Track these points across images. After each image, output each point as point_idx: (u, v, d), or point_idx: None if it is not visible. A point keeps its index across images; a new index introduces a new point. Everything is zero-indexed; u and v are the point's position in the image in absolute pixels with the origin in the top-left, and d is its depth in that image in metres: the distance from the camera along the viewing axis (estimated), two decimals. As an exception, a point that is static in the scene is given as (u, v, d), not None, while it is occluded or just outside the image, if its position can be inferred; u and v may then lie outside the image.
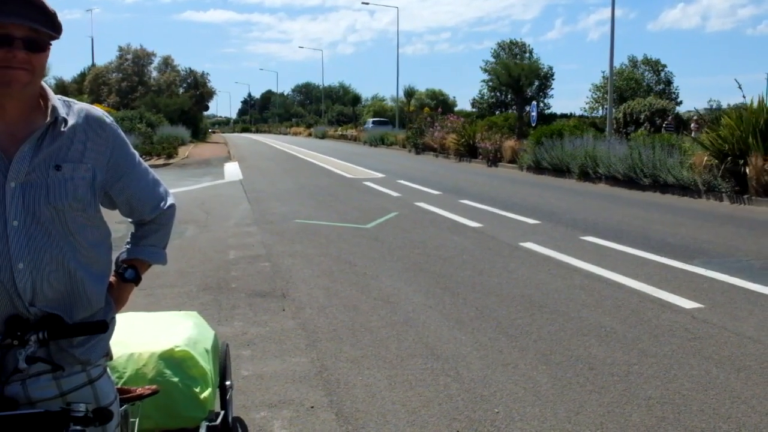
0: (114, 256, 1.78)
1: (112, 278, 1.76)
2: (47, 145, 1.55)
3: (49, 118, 1.56)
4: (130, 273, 1.78)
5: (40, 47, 1.51)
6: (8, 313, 1.53)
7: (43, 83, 1.62)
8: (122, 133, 1.72)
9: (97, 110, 1.68)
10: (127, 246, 1.82)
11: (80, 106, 1.65)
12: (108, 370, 1.73)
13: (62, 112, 1.59)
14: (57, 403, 1.57)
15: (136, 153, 1.76)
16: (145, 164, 1.79)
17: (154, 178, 1.80)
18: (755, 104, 13.00)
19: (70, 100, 1.66)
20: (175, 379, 2.46)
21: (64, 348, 1.59)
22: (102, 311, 1.68)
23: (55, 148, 1.56)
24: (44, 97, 1.61)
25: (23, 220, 1.51)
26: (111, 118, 1.70)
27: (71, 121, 1.60)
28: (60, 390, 1.59)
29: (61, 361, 1.58)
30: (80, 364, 1.62)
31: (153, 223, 1.81)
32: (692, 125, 25.42)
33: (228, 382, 3.06)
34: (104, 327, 1.55)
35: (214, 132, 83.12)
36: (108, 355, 1.74)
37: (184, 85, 58.34)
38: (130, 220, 1.84)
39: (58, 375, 1.59)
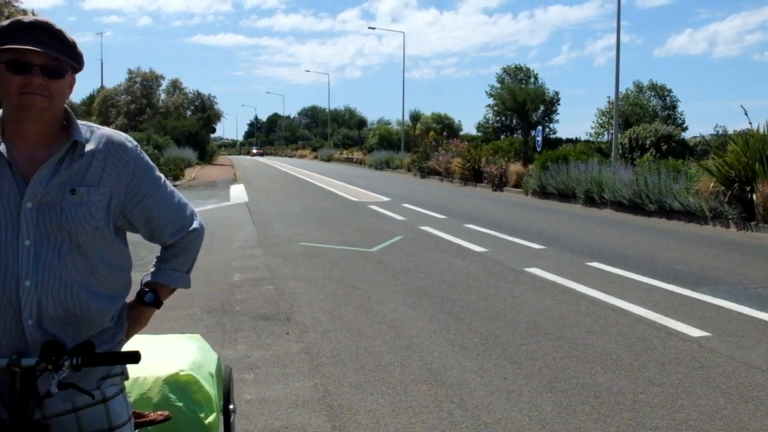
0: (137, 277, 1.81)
1: (132, 300, 1.80)
2: (65, 168, 1.60)
3: (69, 142, 1.61)
4: (149, 296, 1.80)
5: (58, 74, 1.57)
6: (12, 331, 1.56)
7: (68, 108, 1.66)
8: (146, 158, 1.74)
9: (121, 135, 1.71)
10: (152, 269, 1.84)
11: (103, 131, 1.69)
12: (124, 390, 1.75)
13: (83, 136, 1.64)
14: (70, 417, 1.61)
15: (162, 176, 1.78)
16: (172, 187, 1.80)
17: (179, 202, 1.80)
18: (761, 130, 13.02)
19: (94, 125, 1.70)
20: (180, 404, 2.44)
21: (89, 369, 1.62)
22: (110, 330, 1.69)
23: (72, 172, 1.60)
24: (68, 121, 1.66)
25: (36, 240, 1.56)
26: (135, 143, 1.73)
27: (91, 146, 1.64)
28: (74, 405, 1.62)
29: (84, 380, 1.61)
30: (101, 380, 1.66)
31: (175, 247, 1.82)
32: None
33: (231, 406, 3.04)
34: (137, 358, 1.57)
35: (252, 154, 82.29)
36: (124, 374, 1.76)
37: (192, 107, 58.87)
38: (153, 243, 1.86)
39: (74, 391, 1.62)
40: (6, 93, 1.55)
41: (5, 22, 1.56)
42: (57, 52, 1.56)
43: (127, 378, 1.78)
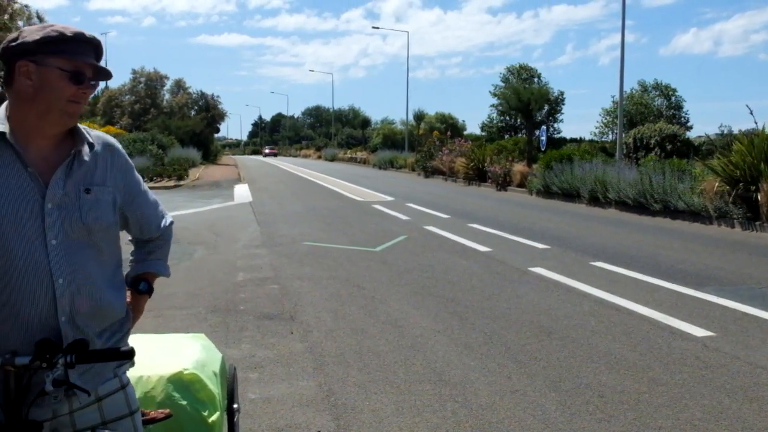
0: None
1: (127, 292, 1.88)
2: (76, 169, 1.69)
3: (77, 146, 1.70)
4: (144, 285, 1.92)
5: (95, 86, 1.71)
6: (41, 328, 1.60)
7: None
8: (129, 158, 1.88)
9: (110, 137, 1.83)
10: (132, 263, 1.96)
11: (97, 134, 1.80)
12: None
13: (87, 139, 1.73)
14: (93, 408, 1.69)
15: (140, 176, 1.92)
16: (146, 186, 1.94)
17: (154, 199, 1.94)
18: (767, 130, 12.97)
19: (86, 127, 1.79)
20: (184, 403, 2.45)
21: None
22: (121, 321, 1.79)
23: (83, 172, 1.70)
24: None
25: (61, 238, 1.63)
26: (120, 145, 1.85)
27: (94, 147, 1.74)
28: (97, 396, 1.70)
29: (103, 369, 1.71)
30: (117, 367, 1.76)
31: (159, 239, 1.96)
32: None
33: (235, 406, 3.05)
34: (131, 355, 1.62)
35: (264, 154, 77.46)
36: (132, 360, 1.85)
37: (196, 107, 58.96)
38: (132, 238, 1.97)
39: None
40: (52, 98, 1.61)
41: (68, 32, 1.63)
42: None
43: (133, 364, 1.86)
